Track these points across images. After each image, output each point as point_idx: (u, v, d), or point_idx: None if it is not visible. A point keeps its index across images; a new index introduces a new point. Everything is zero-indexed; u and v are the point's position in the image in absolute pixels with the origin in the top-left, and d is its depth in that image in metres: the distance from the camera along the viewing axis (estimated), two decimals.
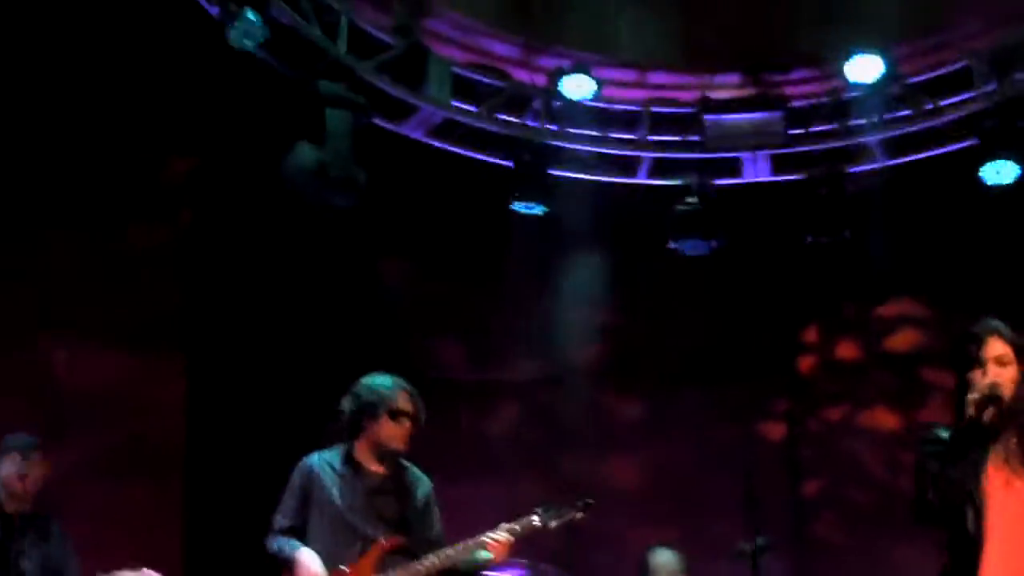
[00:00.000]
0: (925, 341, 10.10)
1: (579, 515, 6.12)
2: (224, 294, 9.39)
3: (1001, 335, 4.91)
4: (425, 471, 6.30)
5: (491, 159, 9.48)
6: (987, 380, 4.80)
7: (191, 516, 8.93)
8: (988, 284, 9.10)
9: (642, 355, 10.27)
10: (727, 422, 9.98)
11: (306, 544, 6.02)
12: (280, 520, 6.13)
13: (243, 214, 9.37)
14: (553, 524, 6.08)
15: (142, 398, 8.85)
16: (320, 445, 6.33)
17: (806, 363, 10.45)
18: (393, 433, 6.11)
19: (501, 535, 5.97)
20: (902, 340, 10.12)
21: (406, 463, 6.25)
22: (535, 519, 6.06)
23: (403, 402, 6.13)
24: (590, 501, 6.16)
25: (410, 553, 6.03)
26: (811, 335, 10.46)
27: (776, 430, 10.20)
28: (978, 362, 4.86)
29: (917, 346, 10.15)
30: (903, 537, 8.83)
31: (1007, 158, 8.77)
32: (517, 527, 6.02)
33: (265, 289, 9.41)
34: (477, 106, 9.30)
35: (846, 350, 10.39)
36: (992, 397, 4.76)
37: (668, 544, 8.87)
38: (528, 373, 10.19)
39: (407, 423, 6.14)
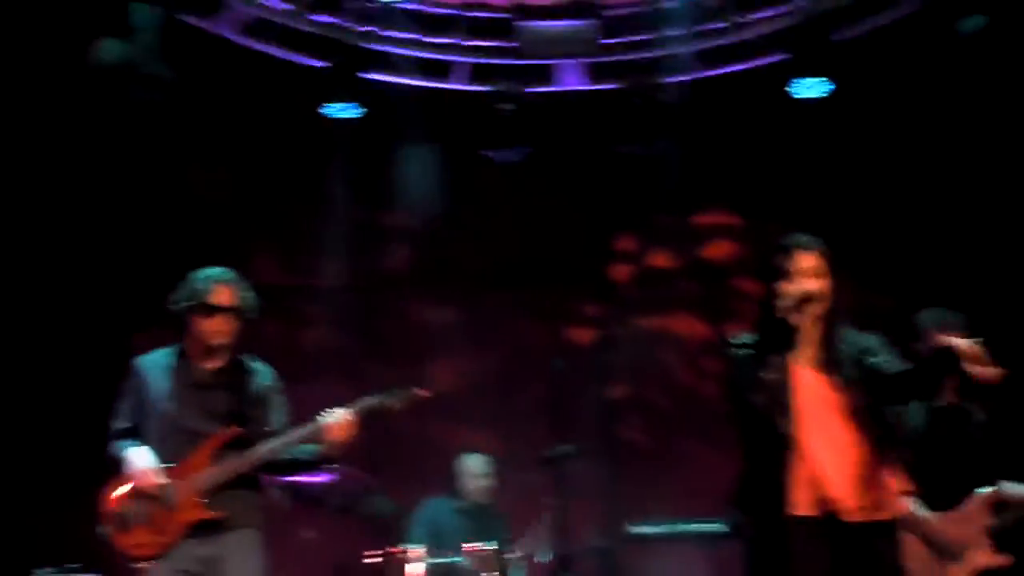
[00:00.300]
0: (738, 252, 10.27)
1: (422, 394, 6.05)
2: (26, 197, 9.07)
3: (811, 249, 5.03)
4: None
5: (305, 60, 9.30)
6: (797, 288, 4.95)
7: None
8: (800, 197, 9.29)
9: (456, 261, 10.27)
10: (539, 328, 10.05)
11: (140, 442, 5.85)
12: (115, 423, 5.97)
13: (47, 113, 9.03)
14: (393, 405, 6.00)
15: None
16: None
17: (620, 271, 10.53)
18: (211, 328, 5.93)
19: (335, 416, 5.87)
20: (715, 250, 10.27)
21: (244, 357, 6.09)
22: (374, 399, 5.97)
23: (218, 296, 5.93)
24: (429, 386, 6.14)
25: (248, 445, 5.87)
26: (626, 243, 10.54)
27: (586, 335, 10.29)
28: (788, 273, 4.99)
29: (730, 256, 10.33)
30: (705, 440, 9.12)
31: (817, 73, 8.93)
32: (355, 406, 5.92)
33: (71, 194, 9.14)
34: (291, 5, 9.10)
35: (660, 259, 10.51)
36: (802, 301, 4.93)
37: (478, 449, 8.96)
38: (341, 279, 10.10)
39: (227, 316, 5.95)
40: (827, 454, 4.87)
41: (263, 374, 6.11)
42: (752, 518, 4.96)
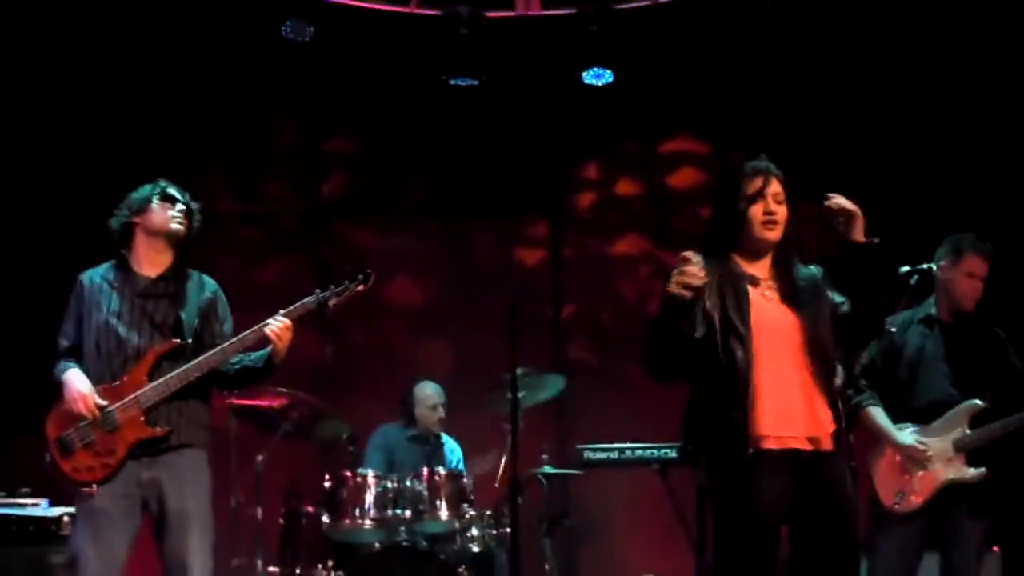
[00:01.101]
0: (703, 178, 10.26)
1: (359, 288, 5.92)
2: None
3: (775, 174, 5.01)
4: None
5: None
6: (761, 210, 4.96)
7: None
8: (766, 123, 9.27)
9: (410, 186, 10.21)
10: (493, 252, 10.01)
11: (84, 361, 5.79)
12: (60, 342, 5.89)
13: None
14: (333, 302, 5.90)
15: None
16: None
17: (582, 199, 10.51)
18: (163, 216, 5.88)
19: (278, 322, 5.79)
20: (683, 177, 10.22)
21: (191, 270, 6.02)
22: (311, 299, 5.90)
23: (171, 189, 5.94)
24: (369, 271, 5.96)
25: (190, 357, 5.80)
26: (588, 171, 10.51)
27: (538, 257, 10.27)
28: (751, 196, 4.96)
29: (695, 183, 10.31)
30: None
31: None
32: (294, 309, 5.84)
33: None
34: None
35: (623, 186, 10.47)
36: (766, 224, 4.95)
37: (432, 376, 8.96)
38: (284, 205, 10.05)
39: (176, 206, 5.90)
40: (781, 385, 4.86)
41: (209, 285, 6.05)
42: (708, 453, 4.94)
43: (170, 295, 5.90)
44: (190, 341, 5.85)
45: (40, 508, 7.57)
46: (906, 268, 6.62)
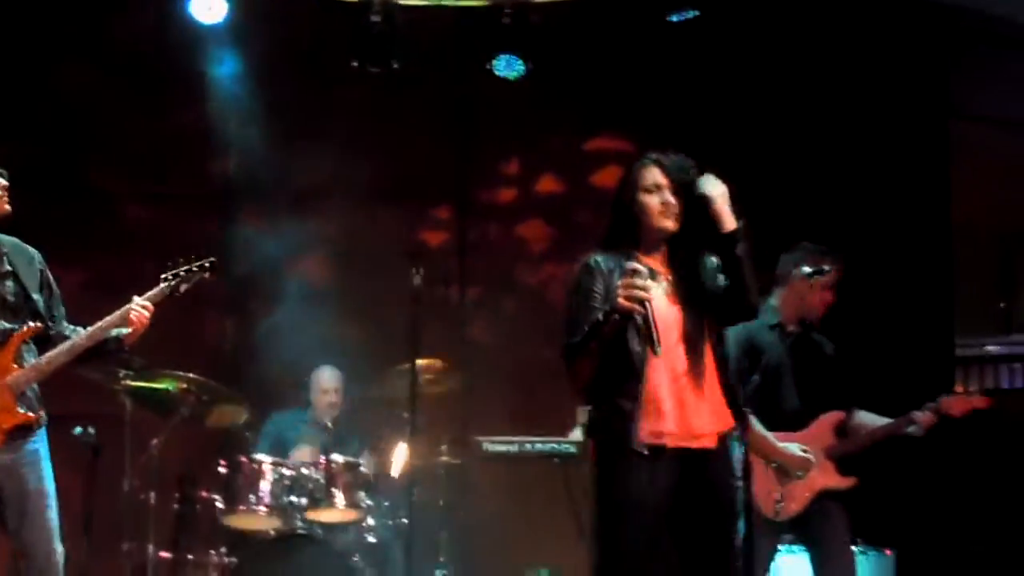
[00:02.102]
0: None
1: (206, 275, 6.01)
2: None
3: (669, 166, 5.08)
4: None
5: None
6: (663, 203, 5.02)
7: None
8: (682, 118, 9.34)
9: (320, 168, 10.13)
10: (396, 239, 9.92)
11: None
12: None
13: None
14: (183, 287, 5.97)
15: None
16: None
17: (504, 194, 10.53)
18: None
19: (135, 306, 5.77)
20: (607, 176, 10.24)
21: (6, 237, 5.88)
22: (163, 286, 5.92)
23: None
24: (213, 260, 6.05)
25: (46, 339, 5.77)
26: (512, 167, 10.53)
27: (440, 239, 10.27)
28: (647, 188, 5.04)
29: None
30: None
31: None
32: (149, 295, 5.85)
33: None
34: None
35: (548, 184, 10.50)
36: (662, 215, 5.03)
37: (331, 361, 8.89)
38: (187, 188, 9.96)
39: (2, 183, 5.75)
40: (672, 381, 4.92)
41: (34, 255, 5.93)
42: (598, 444, 5.00)
43: (11, 274, 5.79)
44: (50, 324, 5.79)
45: None
46: (808, 269, 6.68)
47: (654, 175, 5.04)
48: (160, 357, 7.39)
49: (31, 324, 5.74)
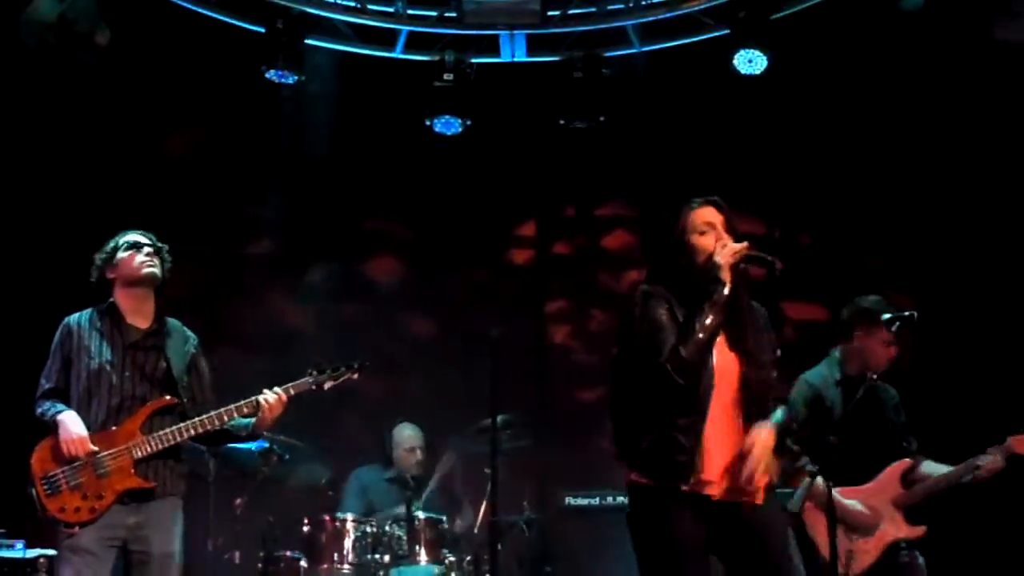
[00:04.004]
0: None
1: (354, 376, 6.11)
2: None
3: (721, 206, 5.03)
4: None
5: (244, 24, 9.22)
6: (724, 243, 4.90)
7: None
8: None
9: (387, 235, 10.26)
10: (468, 300, 10.01)
11: (70, 404, 5.82)
12: (43, 383, 5.92)
13: None
14: (328, 385, 6.07)
15: None
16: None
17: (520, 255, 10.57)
18: (135, 262, 5.96)
19: (272, 394, 5.91)
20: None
21: (171, 320, 6.10)
22: (308, 379, 6.04)
23: (133, 236, 6.02)
24: (366, 363, 6.14)
25: (179, 413, 5.91)
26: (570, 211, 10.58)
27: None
28: (701, 230, 4.95)
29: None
30: None
31: (757, 48, 8.94)
32: (290, 386, 5.98)
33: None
34: None
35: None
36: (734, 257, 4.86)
37: (412, 418, 8.92)
38: (278, 249, 10.07)
39: (141, 250, 5.97)
40: (722, 430, 4.77)
41: (191, 339, 6.12)
42: (650, 485, 4.79)
43: (159, 348, 5.98)
44: (185, 400, 5.93)
45: (16, 549, 7.54)
46: (888, 316, 6.62)
47: (708, 214, 4.98)
48: None
49: (162, 397, 5.88)
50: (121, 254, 5.99)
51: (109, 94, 9.18)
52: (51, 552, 6.69)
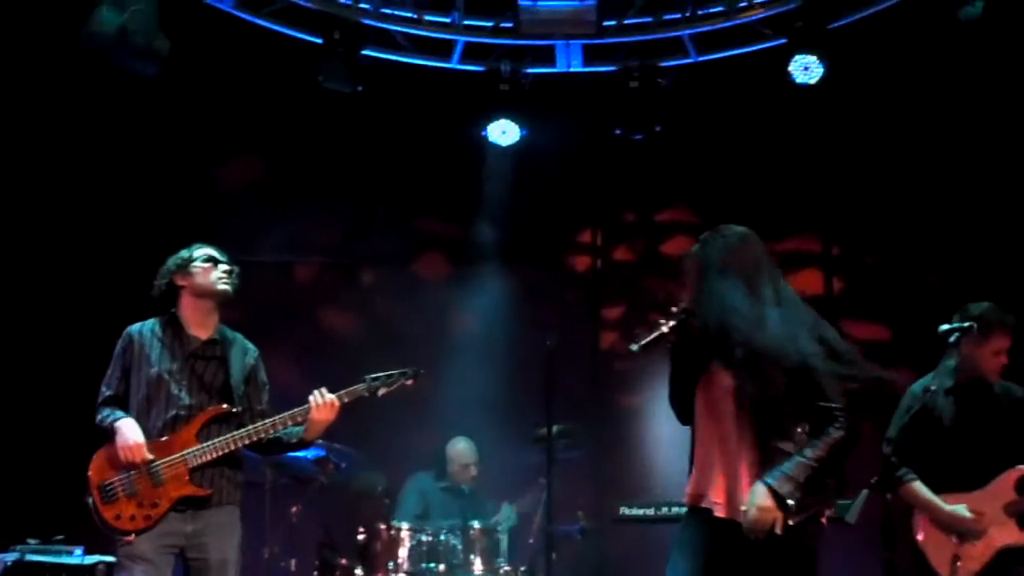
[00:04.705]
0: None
1: (408, 383, 6.12)
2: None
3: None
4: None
5: (301, 35, 9.27)
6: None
7: None
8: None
9: (443, 240, 10.28)
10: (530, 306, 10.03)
11: (129, 412, 5.88)
12: (104, 391, 5.98)
13: (37, 84, 9.07)
14: (381, 392, 6.08)
15: None
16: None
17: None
18: (212, 276, 6.02)
19: (327, 397, 5.94)
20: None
21: (231, 332, 6.15)
22: (362, 386, 6.06)
23: (210, 250, 6.09)
24: (421, 371, 6.17)
25: (235, 422, 5.95)
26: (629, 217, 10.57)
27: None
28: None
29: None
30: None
31: (814, 56, 8.90)
32: (343, 393, 6.01)
33: (64, 169, 9.23)
34: None
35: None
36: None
37: (467, 431, 8.93)
38: (334, 256, 10.13)
39: (219, 265, 6.04)
40: (717, 448, 4.96)
41: (251, 351, 6.17)
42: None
43: (218, 358, 6.03)
44: (241, 409, 5.98)
45: (75, 555, 7.62)
46: (945, 327, 6.58)
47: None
48: None
49: (218, 406, 5.94)
50: (197, 265, 6.04)
51: (168, 105, 9.26)
52: (110, 559, 6.74)
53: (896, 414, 6.59)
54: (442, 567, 7.82)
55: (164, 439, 5.83)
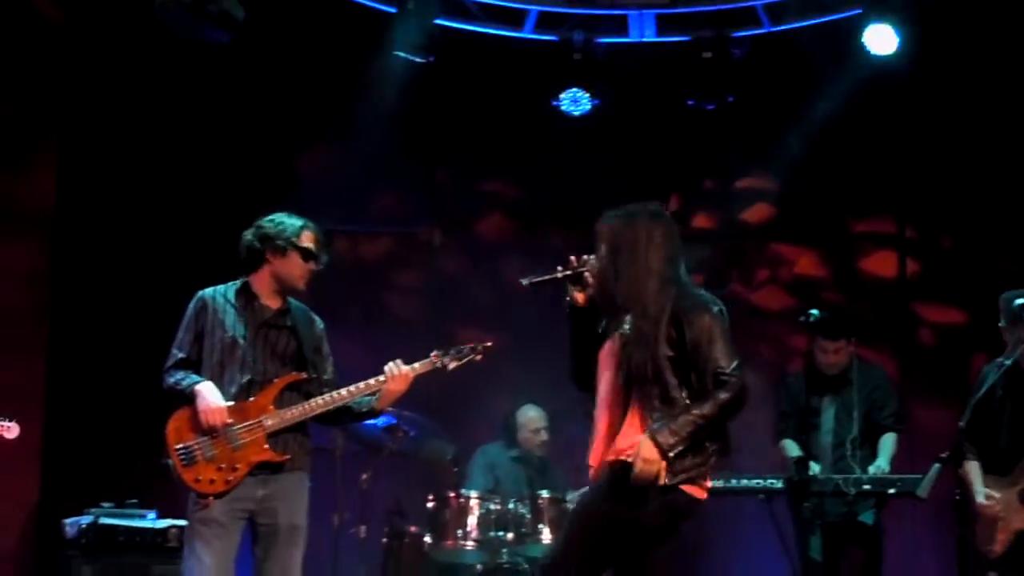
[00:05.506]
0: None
1: (478, 357, 6.14)
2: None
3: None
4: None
5: (375, 4, 9.28)
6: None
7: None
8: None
9: (514, 212, 10.27)
10: None
11: (203, 375, 5.91)
12: (176, 353, 6.01)
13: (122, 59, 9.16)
14: (452, 365, 6.11)
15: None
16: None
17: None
18: (298, 271, 6.02)
19: (401, 368, 5.97)
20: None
21: (298, 303, 6.17)
22: (432, 359, 6.09)
23: (310, 242, 6.05)
24: (488, 344, 6.19)
25: (304, 391, 5.99)
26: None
27: None
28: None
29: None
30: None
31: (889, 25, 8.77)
32: (416, 364, 6.04)
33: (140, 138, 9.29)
34: None
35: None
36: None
37: (535, 399, 8.94)
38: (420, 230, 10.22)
39: (312, 263, 6.05)
40: (604, 416, 5.11)
41: (318, 322, 6.20)
42: None
43: (289, 327, 6.06)
44: (307, 374, 6.02)
45: (148, 519, 7.72)
46: (1020, 301, 6.51)
47: None
48: None
49: (293, 372, 5.98)
50: (293, 255, 6.01)
51: (240, 73, 9.31)
52: (182, 523, 6.81)
53: (975, 388, 6.55)
54: (511, 536, 7.87)
55: (241, 404, 5.87)
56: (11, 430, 6.72)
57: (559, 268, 5.20)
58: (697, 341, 4.89)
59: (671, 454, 4.76)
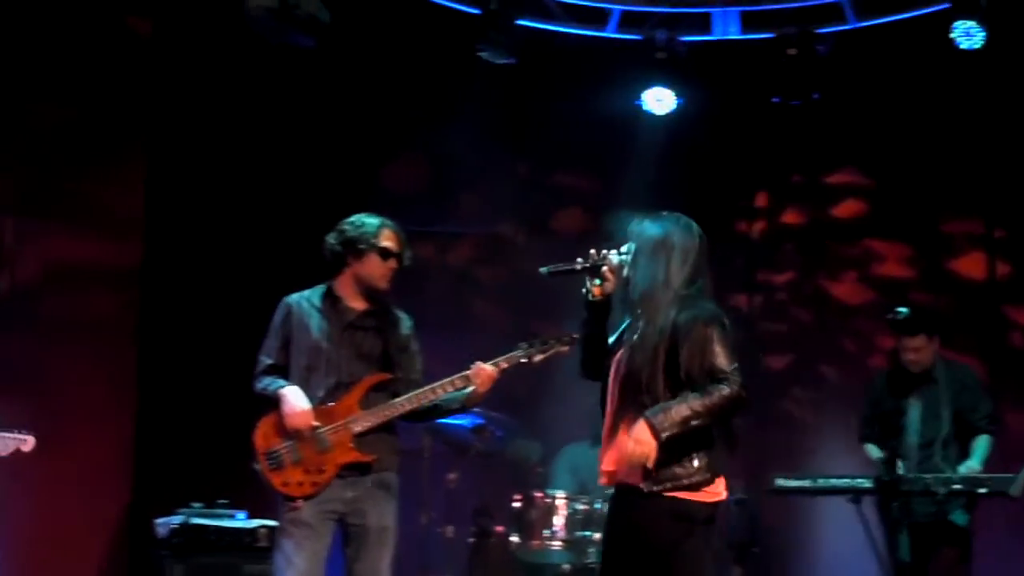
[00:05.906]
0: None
1: (564, 348, 6.09)
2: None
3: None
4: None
5: (458, 6, 9.32)
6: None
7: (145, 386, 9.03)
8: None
9: (593, 210, 10.26)
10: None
11: (291, 380, 5.98)
12: (263, 359, 6.09)
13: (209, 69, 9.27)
14: (538, 358, 6.09)
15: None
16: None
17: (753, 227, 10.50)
18: (378, 271, 6.06)
19: (486, 365, 5.99)
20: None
21: (386, 302, 6.20)
22: (519, 352, 6.08)
23: (389, 240, 6.07)
24: (575, 336, 6.00)
25: (391, 391, 6.02)
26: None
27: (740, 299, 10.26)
28: None
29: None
30: None
31: (976, 21, 8.66)
32: (502, 359, 6.04)
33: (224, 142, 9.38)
34: None
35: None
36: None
37: None
38: (504, 230, 10.28)
39: (392, 262, 6.08)
40: (609, 419, 5.08)
41: (405, 321, 6.22)
42: None
43: (375, 328, 6.10)
44: (394, 375, 6.05)
45: (238, 519, 7.80)
46: None
47: None
48: None
49: (378, 373, 6.02)
50: (373, 256, 6.06)
51: (326, 77, 9.37)
52: (272, 523, 6.89)
53: None
54: (598, 535, 7.86)
55: (327, 406, 5.92)
56: (28, 443, 6.74)
57: (579, 260, 5.20)
58: (694, 351, 4.86)
59: (664, 435, 4.72)
